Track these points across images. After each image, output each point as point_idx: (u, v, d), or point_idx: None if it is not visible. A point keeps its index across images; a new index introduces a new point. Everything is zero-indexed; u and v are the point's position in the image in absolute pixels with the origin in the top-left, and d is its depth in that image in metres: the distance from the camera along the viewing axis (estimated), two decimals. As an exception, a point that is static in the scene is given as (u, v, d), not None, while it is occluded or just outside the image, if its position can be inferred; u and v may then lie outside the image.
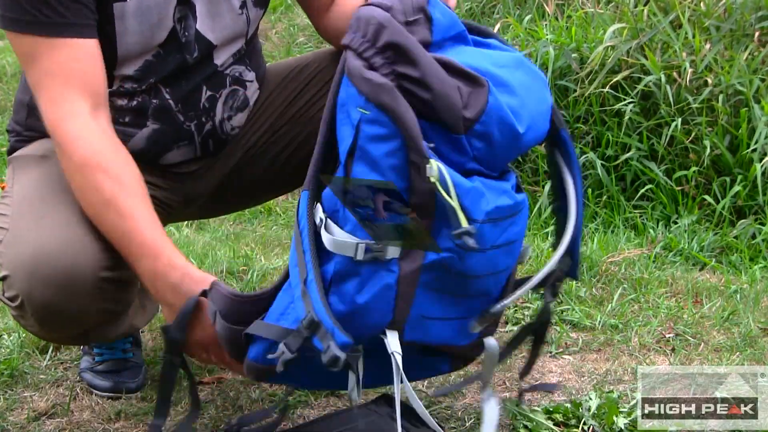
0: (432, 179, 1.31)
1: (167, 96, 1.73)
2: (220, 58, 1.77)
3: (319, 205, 1.42)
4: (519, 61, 1.45)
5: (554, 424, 1.77)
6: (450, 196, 1.32)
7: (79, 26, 1.55)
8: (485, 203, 1.38)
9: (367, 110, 1.35)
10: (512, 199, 1.43)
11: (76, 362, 2.04)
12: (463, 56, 1.40)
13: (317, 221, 1.41)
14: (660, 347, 2.17)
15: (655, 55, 3.24)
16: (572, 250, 1.57)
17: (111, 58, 1.64)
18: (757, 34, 3.30)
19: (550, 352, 2.13)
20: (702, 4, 3.42)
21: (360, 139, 1.37)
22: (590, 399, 1.83)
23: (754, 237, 2.89)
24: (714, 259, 2.78)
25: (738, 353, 2.12)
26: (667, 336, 2.22)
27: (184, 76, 1.73)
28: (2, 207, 1.64)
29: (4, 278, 1.54)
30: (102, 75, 1.58)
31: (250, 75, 1.83)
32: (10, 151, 1.82)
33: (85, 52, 1.56)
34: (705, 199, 3.04)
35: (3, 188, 1.64)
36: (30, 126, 1.78)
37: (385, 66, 1.35)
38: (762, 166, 2.92)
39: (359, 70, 1.36)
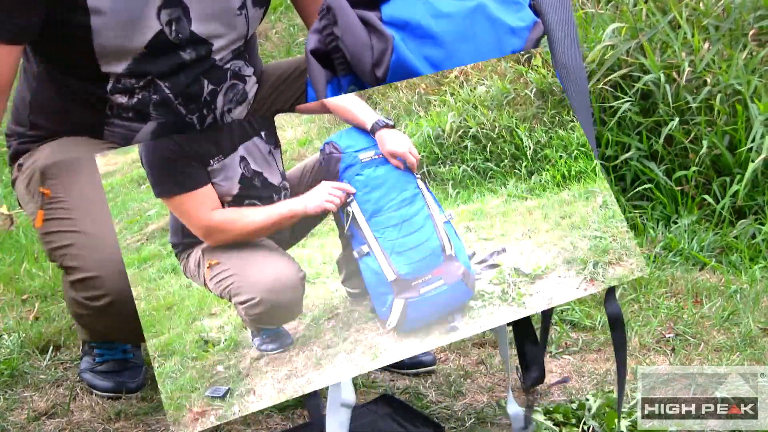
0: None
1: (167, 90, 1.74)
2: (219, 54, 1.77)
3: None
4: (472, 10, 1.40)
5: (554, 424, 1.77)
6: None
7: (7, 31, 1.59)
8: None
9: None
10: None
11: (76, 362, 2.04)
12: (400, 8, 1.39)
13: None
14: (660, 347, 2.17)
15: (654, 54, 3.24)
16: None
17: (89, 52, 1.66)
18: (752, 32, 3.30)
19: (550, 352, 2.13)
20: (701, 3, 3.42)
21: (309, 100, 1.48)
22: (590, 399, 1.83)
23: (754, 237, 2.89)
24: (714, 259, 2.78)
25: (738, 353, 2.12)
26: (667, 336, 2.22)
27: (182, 72, 1.74)
28: (60, 212, 1.66)
29: (83, 279, 1.58)
30: (9, 80, 1.64)
31: (248, 70, 1.84)
32: (17, 155, 1.82)
33: (7, 53, 1.61)
34: (705, 199, 3.04)
35: (47, 194, 1.67)
36: (34, 123, 1.79)
37: (327, 27, 1.41)
38: (755, 165, 2.92)
39: (309, 36, 1.44)
